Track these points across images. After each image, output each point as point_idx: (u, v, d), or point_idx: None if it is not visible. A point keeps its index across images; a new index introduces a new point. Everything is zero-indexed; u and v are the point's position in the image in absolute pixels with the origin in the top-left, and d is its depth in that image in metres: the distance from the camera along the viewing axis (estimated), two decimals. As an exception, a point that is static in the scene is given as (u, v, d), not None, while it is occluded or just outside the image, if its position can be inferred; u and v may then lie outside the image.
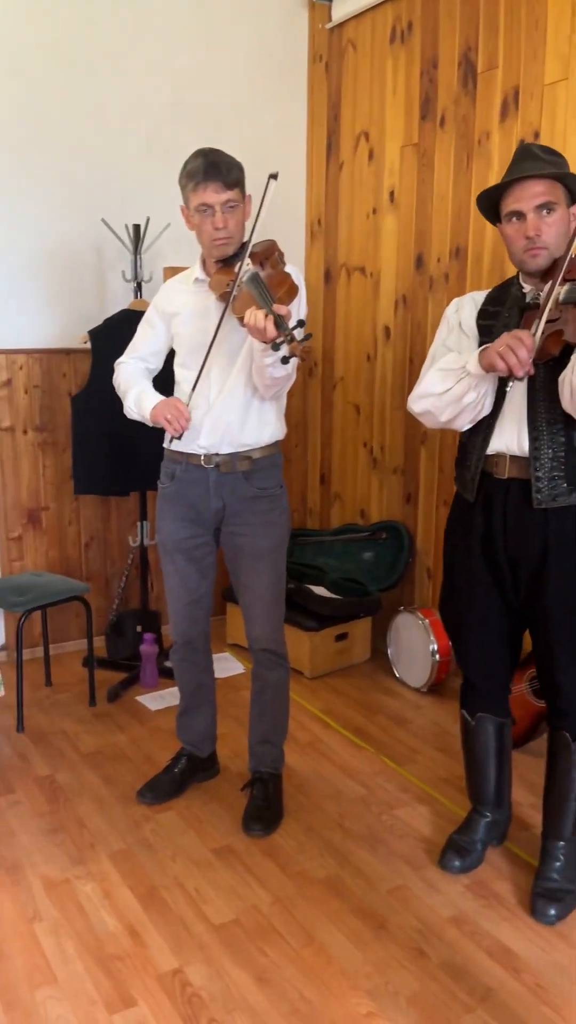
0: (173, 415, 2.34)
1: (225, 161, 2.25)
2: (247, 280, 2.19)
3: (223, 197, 2.24)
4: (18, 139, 3.40)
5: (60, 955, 2.04)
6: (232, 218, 2.28)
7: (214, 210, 2.25)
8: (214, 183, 2.22)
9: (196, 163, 2.24)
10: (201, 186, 2.23)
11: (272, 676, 2.62)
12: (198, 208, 2.27)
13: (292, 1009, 1.88)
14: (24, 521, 3.71)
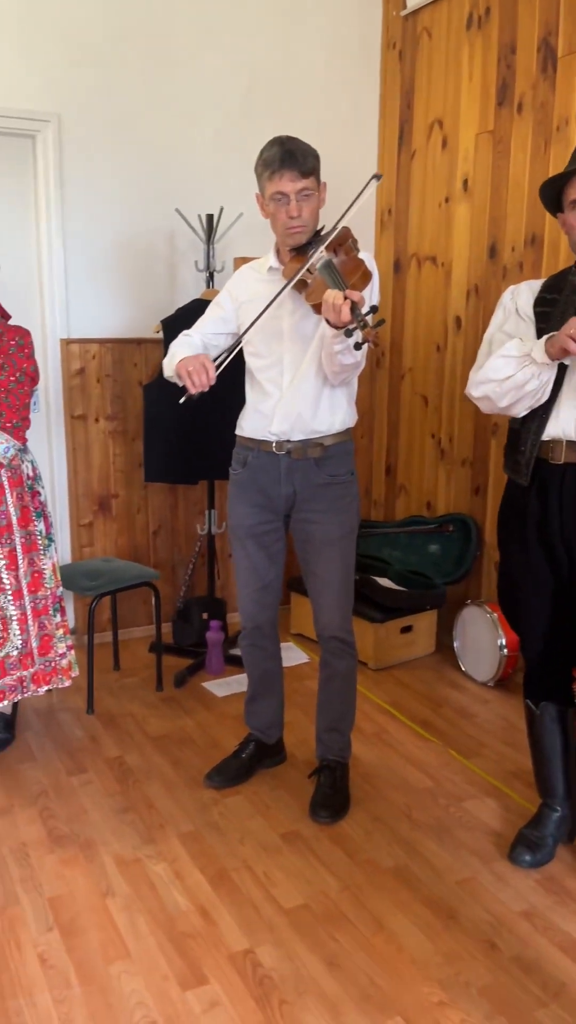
0: (195, 368, 2.20)
1: (301, 149, 2.24)
2: (321, 267, 2.19)
3: (298, 186, 2.24)
4: (94, 130, 3.45)
5: (133, 931, 2.08)
6: (307, 206, 2.28)
7: (289, 198, 2.25)
8: (290, 172, 2.22)
9: (272, 151, 2.24)
10: (277, 174, 2.23)
11: (340, 665, 2.62)
12: (273, 196, 2.27)
13: (363, 995, 1.89)
14: (95, 508, 3.77)
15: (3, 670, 2.73)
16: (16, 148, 3.41)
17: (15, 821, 2.51)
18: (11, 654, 2.74)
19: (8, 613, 2.72)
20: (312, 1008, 1.85)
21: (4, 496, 2.69)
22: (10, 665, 2.74)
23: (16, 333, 2.66)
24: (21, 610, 2.74)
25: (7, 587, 2.71)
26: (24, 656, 2.76)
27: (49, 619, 2.83)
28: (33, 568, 2.78)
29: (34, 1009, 1.84)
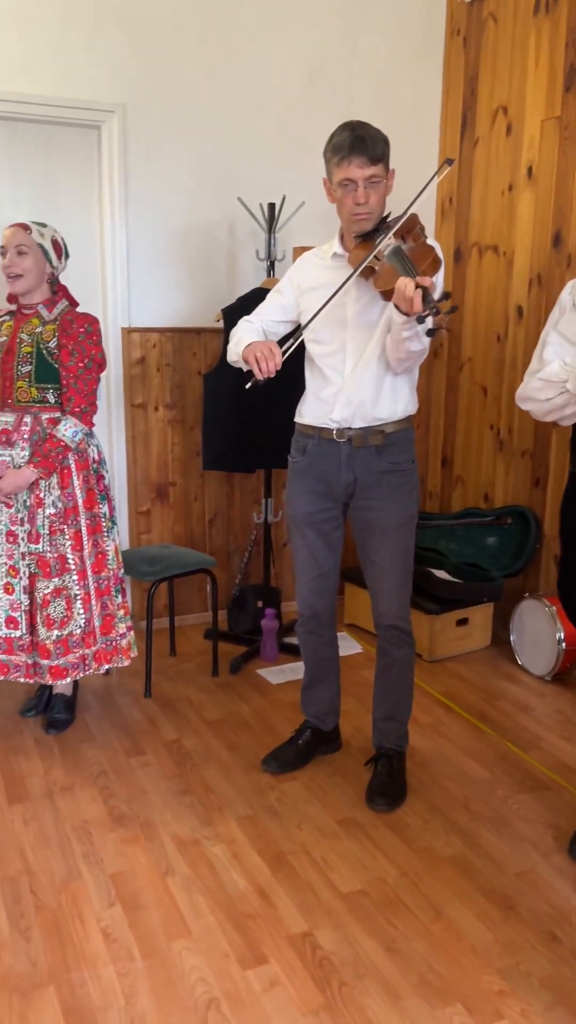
0: (262, 354, 2.22)
1: (372, 135, 2.23)
2: (389, 254, 2.19)
3: (367, 172, 2.23)
4: (158, 120, 3.48)
5: (193, 910, 2.10)
6: (374, 193, 2.27)
7: (357, 185, 2.24)
8: (359, 158, 2.21)
9: (342, 136, 2.23)
10: (346, 160, 2.22)
11: (398, 653, 2.61)
12: (341, 182, 2.26)
13: (422, 980, 1.89)
14: (153, 496, 3.82)
15: (67, 648, 2.80)
16: (81, 139, 3.46)
17: (76, 799, 2.56)
18: (74, 632, 2.80)
19: (72, 592, 2.79)
20: (372, 992, 1.85)
21: (71, 479, 2.76)
22: (73, 643, 2.81)
23: (85, 320, 2.72)
24: (85, 590, 2.81)
25: (72, 567, 2.77)
26: (87, 635, 2.83)
27: (111, 599, 2.89)
28: (97, 549, 2.84)
29: (98, 981, 1.88)
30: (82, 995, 1.84)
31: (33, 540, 2.75)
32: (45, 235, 2.71)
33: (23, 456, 2.72)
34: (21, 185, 3.41)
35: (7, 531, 2.77)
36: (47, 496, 2.74)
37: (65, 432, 2.69)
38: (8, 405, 2.74)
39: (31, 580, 2.78)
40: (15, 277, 2.69)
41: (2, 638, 2.81)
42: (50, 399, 2.73)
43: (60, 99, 3.29)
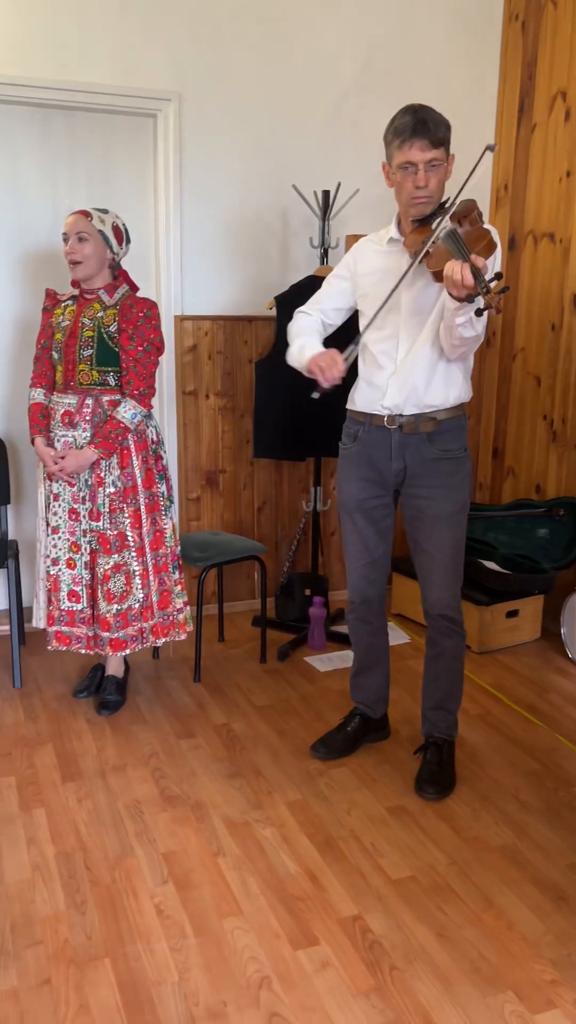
0: (326, 363, 2.29)
1: (434, 119, 2.22)
2: (444, 236, 2.17)
3: (428, 156, 2.21)
4: (213, 108, 3.49)
5: (244, 890, 2.13)
6: (434, 177, 2.26)
7: (417, 168, 2.23)
8: (420, 141, 2.20)
9: (404, 120, 2.22)
10: (407, 143, 2.21)
11: (448, 643, 2.60)
12: (401, 165, 2.25)
13: (473, 967, 1.89)
14: (203, 483, 3.85)
15: (126, 621, 2.90)
16: (138, 127, 3.49)
17: (129, 779, 2.60)
18: (133, 607, 2.90)
19: (132, 568, 2.89)
20: (423, 977, 1.86)
21: (130, 459, 2.84)
22: (132, 617, 2.91)
23: (144, 305, 2.77)
24: (143, 566, 2.91)
25: (132, 544, 2.87)
26: (145, 609, 2.93)
27: (168, 575, 2.98)
28: (155, 527, 2.94)
29: (152, 956, 1.91)
30: (136, 968, 1.87)
31: (94, 518, 2.83)
32: (106, 221, 2.76)
33: (85, 437, 2.81)
34: (79, 174, 3.45)
35: (70, 509, 2.87)
36: (107, 476, 2.82)
37: (125, 414, 2.76)
38: (71, 387, 2.81)
39: (92, 556, 2.88)
40: (76, 263, 2.74)
41: (65, 611, 2.92)
42: (111, 382, 2.79)
43: (119, 88, 3.32)
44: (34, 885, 2.13)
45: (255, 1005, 1.78)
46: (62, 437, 2.83)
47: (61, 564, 2.90)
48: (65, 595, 2.91)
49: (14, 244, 3.45)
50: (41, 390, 2.90)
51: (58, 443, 2.84)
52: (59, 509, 2.88)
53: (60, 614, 2.92)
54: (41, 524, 2.92)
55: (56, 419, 2.85)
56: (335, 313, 2.55)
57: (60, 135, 3.39)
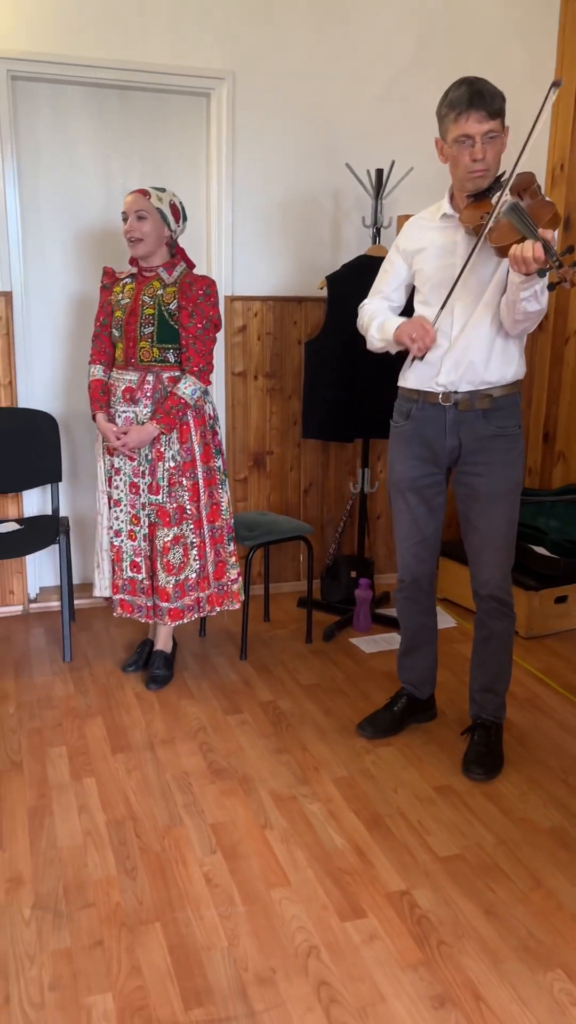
0: (418, 333, 2.29)
1: (489, 90, 2.19)
2: (507, 210, 2.14)
3: (484, 127, 2.18)
4: (266, 87, 3.48)
5: (291, 862, 2.14)
6: (491, 150, 2.23)
7: (473, 141, 2.20)
8: (477, 112, 2.17)
9: (459, 91, 2.19)
10: (463, 116, 2.18)
11: (498, 626, 2.58)
12: (457, 139, 2.22)
13: (522, 945, 1.88)
14: (250, 464, 3.86)
15: (183, 591, 2.98)
16: (191, 106, 3.49)
17: (177, 752, 2.63)
18: (190, 577, 2.98)
19: (189, 540, 2.95)
20: (471, 952, 1.86)
21: (190, 434, 2.90)
22: (189, 587, 2.98)
23: (204, 283, 2.80)
24: (200, 538, 2.97)
25: (190, 517, 2.94)
26: (201, 579, 3.01)
27: (224, 547, 3.04)
28: (212, 500, 3.00)
29: (201, 922, 1.94)
30: (187, 933, 1.90)
31: (153, 492, 2.90)
32: (163, 199, 2.79)
33: (146, 413, 2.86)
34: (132, 153, 3.47)
35: (130, 483, 2.93)
36: (167, 450, 2.87)
37: (185, 390, 2.81)
38: (132, 364, 2.86)
39: (151, 529, 2.94)
40: (135, 241, 2.79)
41: (127, 580, 3.00)
42: (170, 359, 2.83)
43: (173, 67, 3.32)
44: (86, 850, 2.17)
45: (303, 973, 1.80)
46: (123, 413, 2.88)
47: (123, 535, 2.97)
48: (128, 565, 2.99)
49: (70, 224, 3.49)
50: (100, 367, 2.95)
51: (119, 419, 2.89)
52: (120, 483, 2.94)
53: (123, 583, 3.01)
54: (102, 498, 2.98)
55: (117, 395, 2.89)
56: (396, 293, 2.53)
57: (115, 114, 3.41)
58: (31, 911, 1.96)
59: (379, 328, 2.44)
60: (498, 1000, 1.73)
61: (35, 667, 3.18)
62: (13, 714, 2.84)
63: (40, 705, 2.90)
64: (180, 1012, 1.69)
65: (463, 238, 2.32)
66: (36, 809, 2.33)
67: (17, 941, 1.87)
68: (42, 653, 3.31)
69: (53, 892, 2.02)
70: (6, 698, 2.95)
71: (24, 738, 2.69)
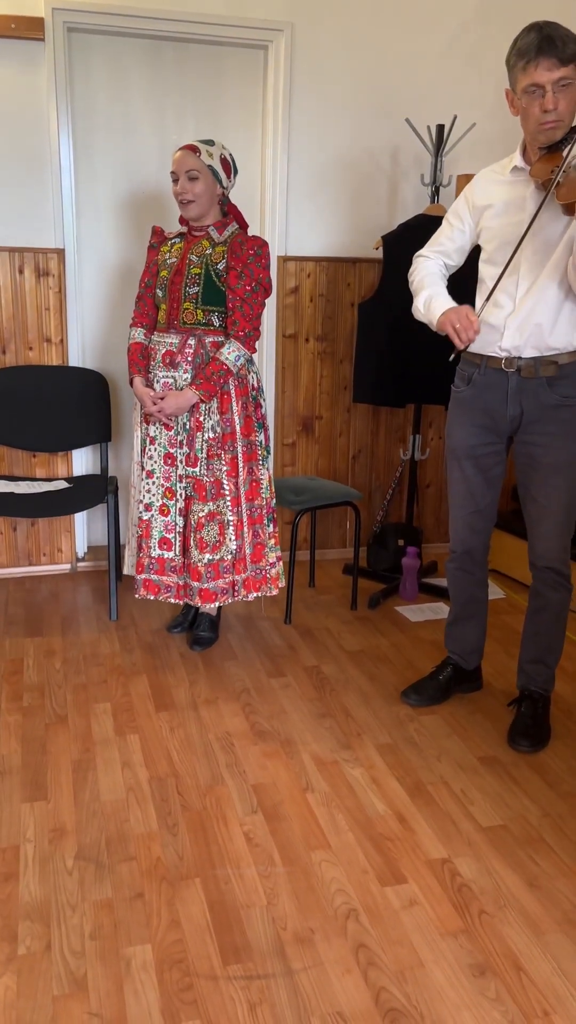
0: (462, 324, 2.20)
1: (561, 35, 2.08)
2: (576, 165, 2.05)
3: (556, 75, 2.08)
4: (325, 40, 3.39)
5: (332, 825, 2.13)
6: (564, 98, 2.12)
7: (545, 90, 2.10)
8: (548, 59, 2.06)
9: (529, 38, 2.09)
10: (532, 63, 2.08)
11: (554, 597, 2.51)
12: (527, 89, 2.12)
13: (566, 918, 1.85)
14: (299, 428, 3.82)
15: (217, 572, 2.86)
16: (248, 59, 3.42)
17: (220, 712, 2.63)
18: (225, 558, 2.86)
19: (226, 518, 2.83)
20: (512, 923, 1.83)
21: (230, 404, 2.78)
22: (224, 568, 2.86)
23: (255, 243, 2.70)
24: (238, 516, 2.85)
25: (227, 493, 2.81)
26: (237, 561, 2.88)
27: (263, 528, 2.92)
28: (252, 477, 2.87)
29: (241, 880, 1.94)
30: (226, 890, 1.91)
31: (191, 463, 2.80)
32: (213, 154, 2.68)
33: (185, 379, 2.75)
34: (187, 108, 3.41)
35: (166, 454, 2.83)
36: (207, 420, 2.76)
37: (228, 355, 2.70)
38: (174, 327, 2.76)
39: (187, 503, 2.84)
40: (188, 203, 2.68)
41: (155, 559, 2.89)
42: (215, 322, 2.74)
43: (230, 18, 3.25)
44: (128, 805, 2.19)
45: (342, 934, 1.79)
46: (162, 378, 2.78)
47: (154, 510, 2.85)
48: (156, 542, 2.87)
49: (123, 181, 3.45)
50: (141, 330, 2.85)
51: (157, 384, 2.79)
52: (155, 453, 2.83)
53: (150, 562, 2.89)
54: (136, 468, 2.90)
55: (156, 359, 2.79)
56: (456, 254, 2.45)
57: (171, 67, 3.35)
58: (74, 861, 1.98)
59: (425, 303, 2.36)
60: (540, 972, 1.71)
61: (82, 624, 3.21)
62: (59, 670, 2.87)
63: (86, 662, 2.93)
64: (218, 967, 1.70)
65: (532, 193, 2.23)
66: (80, 763, 2.36)
67: (60, 890, 1.90)
68: (89, 611, 3.33)
69: (96, 844, 2.04)
70: (52, 654, 2.98)
71: (70, 693, 2.72)
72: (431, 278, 2.42)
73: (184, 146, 2.69)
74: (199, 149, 2.67)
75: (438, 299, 2.34)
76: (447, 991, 1.66)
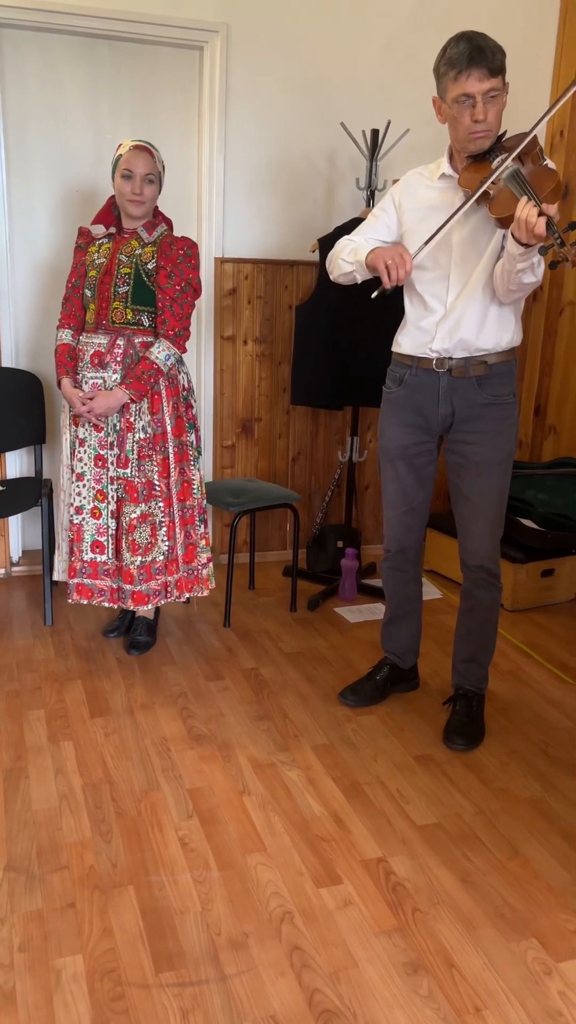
0: (395, 262, 2.13)
1: (490, 46, 2.11)
2: (507, 177, 2.08)
3: (486, 86, 2.11)
4: (261, 42, 3.39)
5: (268, 828, 2.13)
6: (492, 109, 2.15)
7: (474, 100, 2.13)
8: (478, 70, 2.10)
9: (459, 48, 2.11)
10: (463, 74, 2.11)
11: (484, 596, 2.55)
12: (457, 99, 2.15)
13: (497, 913, 1.87)
14: (238, 430, 3.81)
15: (149, 574, 2.83)
16: (184, 60, 3.40)
17: (156, 717, 2.60)
18: (157, 559, 2.83)
19: (157, 519, 2.81)
20: (446, 919, 1.85)
21: (161, 405, 2.76)
22: (156, 570, 2.84)
23: (185, 244, 2.70)
24: (170, 517, 2.83)
25: (158, 494, 2.80)
26: (169, 562, 2.86)
27: (194, 528, 2.91)
28: (183, 478, 2.85)
29: (175, 886, 1.92)
30: (160, 897, 1.88)
31: (122, 465, 2.77)
32: (160, 160, 2.71)
33: (115, 379, 2.73)
34: (122, 107, 3.38)
35: (96, 455, 2.79)
36: (137, 421, 2.74)
37: (158, 355, 2.69)
38: (102, 327, 2.73)
39: (118, 505, 2.81)
40: (139, 204, 2.67)
41: (87, 562, 2.85)
42: (145, 322, 2.72)
43: (165, 18, 3.23)
44: (61, 813, 2.15)
45: (276, 937, 1.78)
46: (91, 379, 2.74)
47: (85, 513, 2.82)
48: (88, 546, 2.83)
49: (57, 178, 3.40)
50: (69, 331, 2.81)
51: (86, 385, 2.75)
52: (84, 455, 2.79)
53: (82, 566, 2.84)
54: (65, 471, 2.85)
55: (85, 360, 2.75)
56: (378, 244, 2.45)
57: (105, 66, 3.32)
58: (3, 872, 1.94)
59: (352, 252, 2.31)
60: (471, 968, 1.72)
61: (16, 630, 3.15)
62: (-8, 677, 2.81)
63: (19, 668, 2.87)
64: (151, 974, 1.68)
65: (461, 201, 2.26)
66: (12, 771, 2.31)
67: (-12, 902, 1.85)
68: (23, 616, 3.27)
69: (26, 854, 2.00)
70: (-15, 661, 2.92)
71: (2, 701, 2.66)
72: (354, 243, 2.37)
73: (139, 146, 2.66)
74: (154, 153, 2.67)
75: (366, 246, 2.29)
76: (380, 990, 1.67)
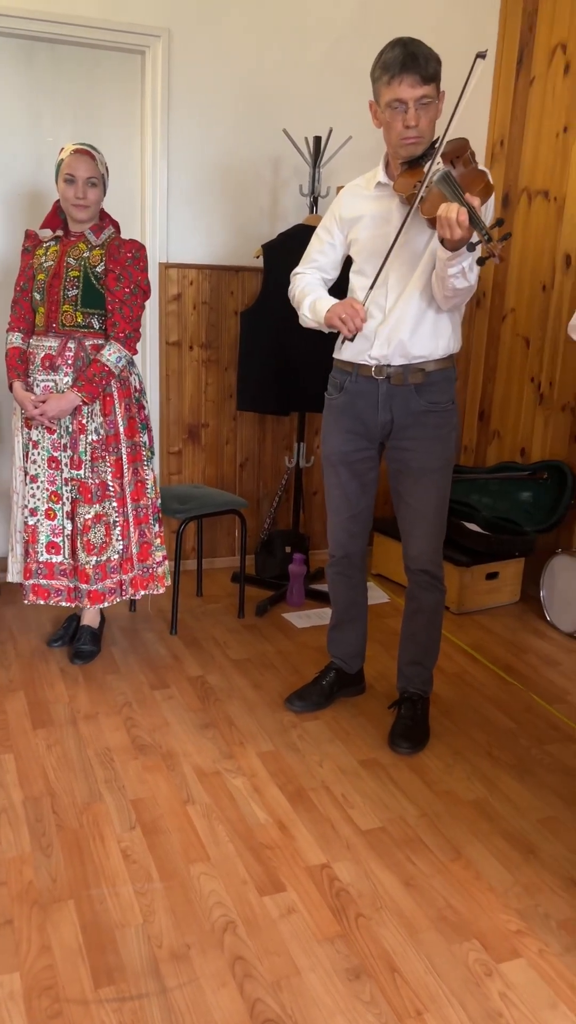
0: (348, 314, 2.22)
1: (424, 53, 2.13)
2: (438, 179, 2.10)
3: (418, 92, 2.13)
4: (203, 47, 3.38)
5: (212, 837, 2.11)
6: (425, 116, 2.17)
7: (407, 106, 2.15)
8: (410, 76, 2.11)
9: (394, 53, 2.13)
10: (396, 79, 2.13)
11: (428, 599, 2.58)
12: (390, 104, 2.17)
13: (439, 916, 1.88)
14: (184, 436, 3.79)
15: (105, 573, 2.85)
16: (125, 64, 3.37)
17: (100, 727, 2.57)
18: (112, 558, 2.85)
19: (112, 519, 2.83)
20: (388, 924, 1.85)
21: (113, 406, 2.78)
22: (111, 568, 2.86)
23: (133, 246, 2.71)
24: (124, 517, 2.85)
25: (112, 494, 2.82)
26: (124, 561, 2.88)
27: (149, 527, 2.93)
28: (137, 478, 2.88)
29: (117, 898, 1.90)
30: (100, 911, 1.86)
31: (75, 466, 2.77)
32: (103, 162, 2.70)
33: (66, 382, 2.74)
34: (64, 110, 3.34)
35: (49, 457, 2.80)
36: (90, 423, 2.75)
37: (109, 357, 2.70)
38: (53, 330, 2.73)
39: (73, 506, 2.81)
40: (83, 208, 2.68)
41: (43, 563, 2.85)
42: (95, 325, 2.73)
43: (105, 21, 3.20)
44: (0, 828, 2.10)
45: (219, 948, 1.77)
46: (42, 382, 2.75)
47: (40, 515, 2.82)
48: (44, 547, 2.83)
49: (-5, 182, 3.35)
50: (19, 334, 2.81)
51: (38, 388, 2.75)
52: (38, 457, 2.79)
53: (38, 567, 2.84)
54: (18, 474, 2.84)
55: (36, 363, 2.76)
56: (331, 267, 2.48)
57: (45, 69, 3.28)
58: None
59: (311, 308, 2.39)
60: (413, 971, 1.73)
61: (-44, 641, 3.09)
62: None
63: (-41, 680, 2.81)
64: (89, 990, 1.65)
65: (398, 207, 2.28)
66: (-50, 786, 2.26)
67: None
68: (-36, 627, 3.21)
69: (-37, 871, 1.95)
70: None
71: None
72: (311, 287, 2.45)
73: (81, 150, 2.66)
74: (96, 156, 2.67)
75: (322, 300, 2.37)
76: (322, 997, 1.66)
